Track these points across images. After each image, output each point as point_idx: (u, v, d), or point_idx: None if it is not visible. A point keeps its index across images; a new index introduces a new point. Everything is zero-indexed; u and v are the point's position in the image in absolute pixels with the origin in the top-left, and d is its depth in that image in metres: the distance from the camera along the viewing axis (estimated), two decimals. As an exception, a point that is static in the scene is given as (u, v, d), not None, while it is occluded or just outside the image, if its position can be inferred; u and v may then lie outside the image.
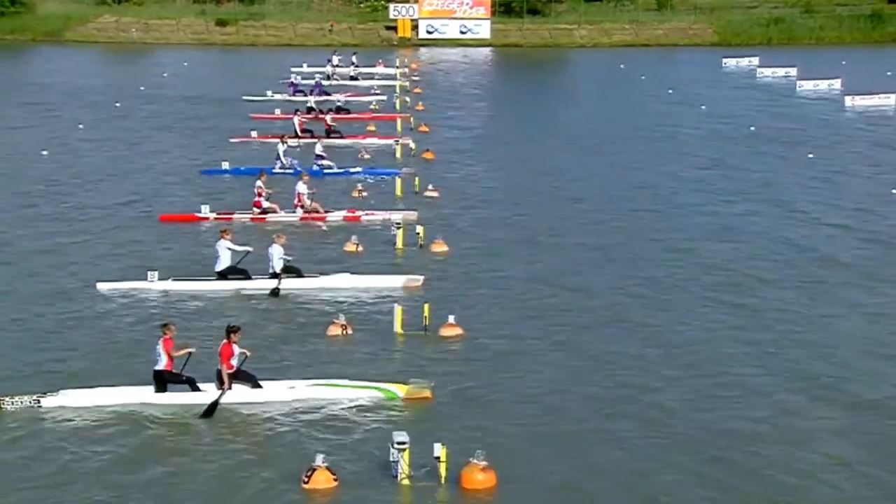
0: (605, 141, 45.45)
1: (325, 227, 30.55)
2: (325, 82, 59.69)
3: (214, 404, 18.26)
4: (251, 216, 31.25)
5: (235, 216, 31.19)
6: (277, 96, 54.59)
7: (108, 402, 18.35)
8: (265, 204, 31.43)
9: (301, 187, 31.52)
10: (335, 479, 15.64)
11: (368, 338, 21.66)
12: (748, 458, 16.61)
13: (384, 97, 55.97)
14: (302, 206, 31.37)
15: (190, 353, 18.81)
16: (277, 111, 50.51)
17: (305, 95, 53.54)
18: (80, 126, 48.18)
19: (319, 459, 15.74)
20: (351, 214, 31.45)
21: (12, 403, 18.25)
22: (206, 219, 31.15)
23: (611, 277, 25.88)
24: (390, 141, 43.00)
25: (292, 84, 57.04)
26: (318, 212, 31.43)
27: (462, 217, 31.89)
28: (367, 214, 31.44)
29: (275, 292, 24.48)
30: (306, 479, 15.63)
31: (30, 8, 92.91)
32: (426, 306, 22.02)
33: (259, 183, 31.58)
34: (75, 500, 15.49)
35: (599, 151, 43.02)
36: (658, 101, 57.50)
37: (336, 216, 31.39)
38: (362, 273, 25.43)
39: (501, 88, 67.34)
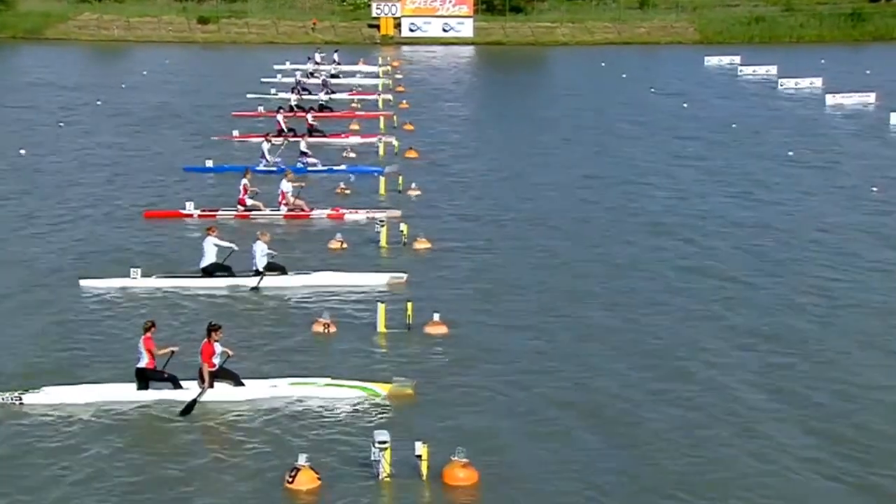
0: (587, 138, 45.54)
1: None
2: (306, 80, 59.56)
3: (193, 403, 18.20)
4: (235, 213, 31.21)
5: (220, 213, 31.13)
6: (282, 95, 54.28)
7: (90, 399, 18.31)
8: (249, 202, 31.39)
9: (285, 185, 31.50)
10: (318, 479, 15.63)
11: (351, 336, 21.64)
12: (739, 457, 16.72)
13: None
14: (286, 204, 31.34)
15: (172, 353, 18.78)
16: (260, 108, 50.46)
17: (311, 94, 53.30)
18: (61, 124, 47.98)
19: (303, 459, 15.71)
20: (335, 213, 31.44)
21: (-6, 400, 18.22)
22: (191, 216, 31.11)
23: (597, 274, 25.92)
24: (374, 139, 43.01)
25: (298, 83, 56.48)
26: (302, 210, 31.41)
27: (446, 215, 31.90)
28: (350, 213, 31.43)
29: (255, 289, 24.47)
30: (290, 480, 15.61)
31: (9, 5, 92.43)
32: (409, 304, 22.03)
33: (245, 181, 31.55)
34: (57, 496, 15.43)
35: (582, 149, 43.09)
36: (639, 99, 57.63)
37: (320, 214, 31.38)
38: (346, 271, 25.42)
39: (484, 86, 67.37)
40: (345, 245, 27.82)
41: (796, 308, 23.55)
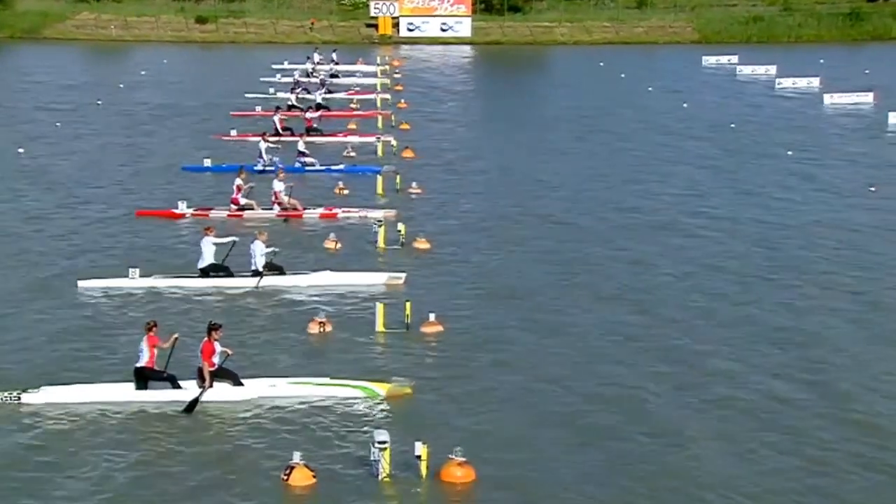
0: (586, 138, 45.54)
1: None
2: (305, 79, 59.57)
3: (195, 401, 18.24)
4: (228, 213, 31.21)
5: (212, 213, 31.14)
6: (280, 94, 54.31)
7: (88, 398, 18.33)
8: (243, 201, 31.41)
9: (277, 185, 31.54)
10: (313, 477, 15.64)
11: (350, 336, 21.64)
12: (738, 457, 16.74)
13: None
14: (279, 204, 31.36)
15: (176, 339, 18.83)
16: (258, 108, 50.47)
17: (309, 94, 53.30)
18: (58, 124, 47.96)
19: (297, 457, 15.74)
20: (328, 212, 31.42)
21: (-8, 400, 18.22)
22: (183, 215, 31.12)
23: (596, 274, 25.93)
24: (372, 138, 43.00)
25: (297, 83, 56.48)
26: (296, 209, 31.40)
27: (444, 214, 31.90)
28: (344, 212, 31.40)
29: (256, 288, 24.46)
30: (285, 477, 15.62)
31: (7, 5, 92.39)
32: (407, 304, 22.02)
33: (238, 180, 31.56)
34: (54, 496, 15.44)
35: (581, 148, 43.10)
36: (638, 99, 57.64)
37: (313, 213, 31.37)
38: (344, 271, 25.42)
39: (482, 86, 67.36)
40: (339, 245, 27.80)
41: (812, 305, 23.68)
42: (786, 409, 18.22)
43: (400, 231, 28.17)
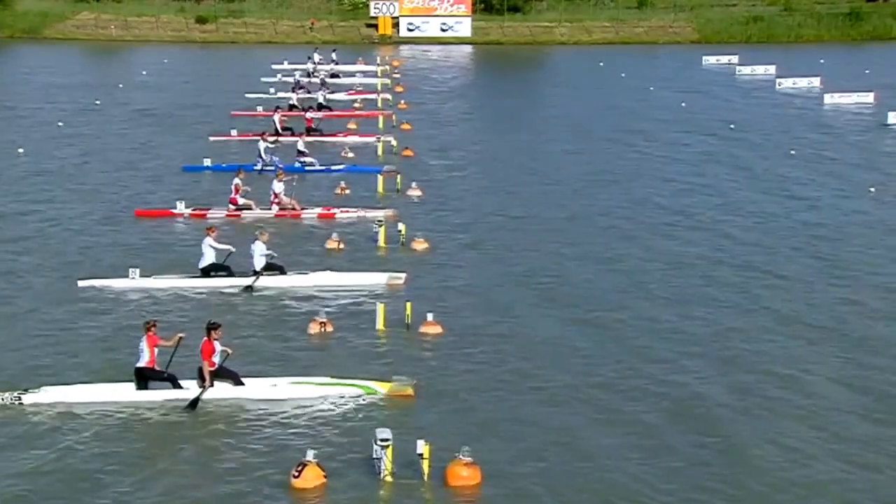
0: (586, 138, 45.52)
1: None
2: (305, 79, 59.62)
3: (196, 401, 18.25)
4: (226, 212, 31.21)
5: (210, 213, 31.15)
6: (281, 94, 54.36)
7: (89, 398, 18.32)
8: (241, 201, 31.41)
9: (277, 186, 31.54)
10: (324, 476, 15.63)
11: (350, 335, 21.64)
12: (741, 462, 16.73)
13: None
14: (278, 204, 31.37)
15: (180, 339, 18.83)
16: (259, 108, 50.48)
17: (310, 94, 53.32)
18: (60, 124, 47.97)
19: (310, 455, 15.72)
20: (326, 212, 31.41)
21: (-7, 400, 18.20)
22: (181, 215, 31.13)
23: (593, 274, 25.93)
24: (372, 139, 43.01)
25: (297, 83, 56.53)
26: (294, 209, 31.40)
27: (444, 215, 31.89)
28: (342, 212, 31.38)
29: (249, 288, 24.45)
30: (296, 474, 15.61)
31: (7, 5, 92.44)
32: (408, 304, 22.02)
33: (237, 180, 31.56)
34: (55, 497, 15.43)
35: (581, 149, 43.08)
36: (638, 99, 57.64)
37: (311, 213, 31.35)
38: (344, 271, 25.42)
39: (482, 86, 67.38)
40: (342, 245, 27.82)
41: (847, 304, 23.66)
42: (833, 413, 18.08)
43: (400, 231, 28.17)
